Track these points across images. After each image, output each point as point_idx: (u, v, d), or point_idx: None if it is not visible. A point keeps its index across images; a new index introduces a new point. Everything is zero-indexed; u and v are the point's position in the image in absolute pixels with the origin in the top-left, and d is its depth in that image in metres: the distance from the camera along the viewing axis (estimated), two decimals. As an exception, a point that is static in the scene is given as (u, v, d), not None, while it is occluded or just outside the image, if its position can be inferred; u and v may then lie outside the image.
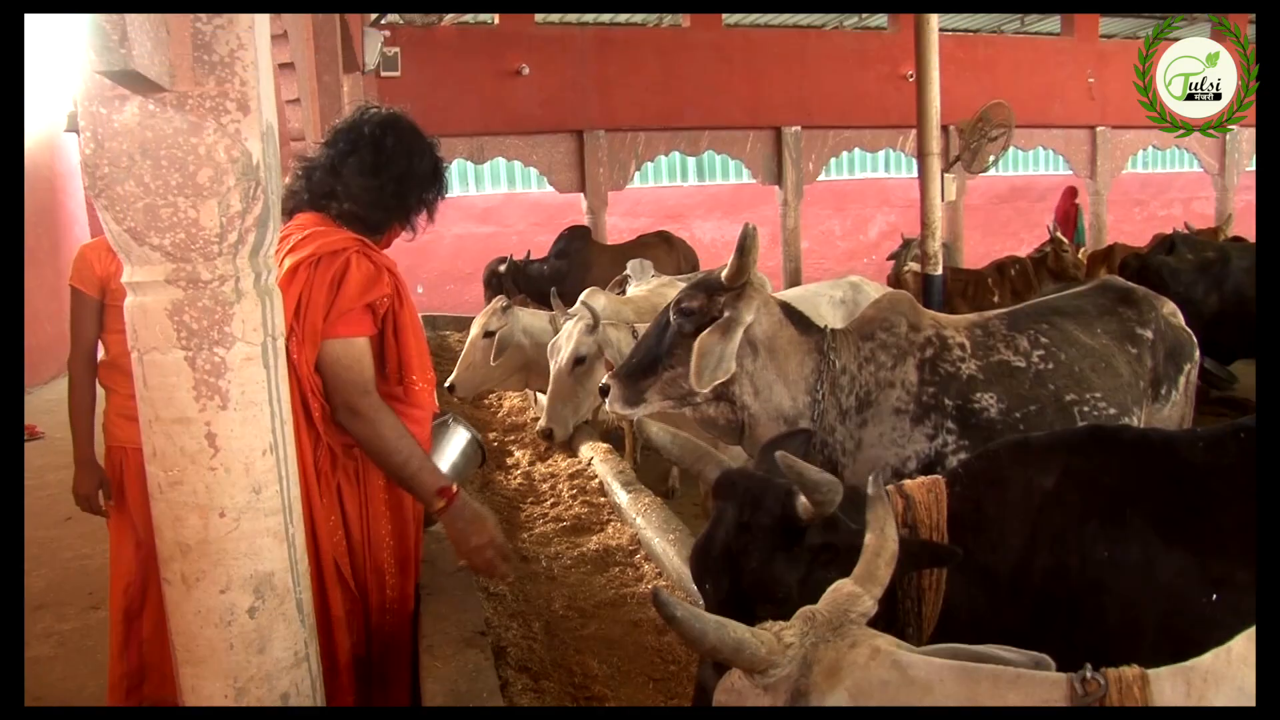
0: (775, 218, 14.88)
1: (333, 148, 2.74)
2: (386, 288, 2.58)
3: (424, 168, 2.76)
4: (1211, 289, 7.31)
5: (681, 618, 1.45)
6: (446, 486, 2.57)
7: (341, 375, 2.52)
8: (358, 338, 2.55)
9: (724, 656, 1.46)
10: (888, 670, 1.41)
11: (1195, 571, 1.97)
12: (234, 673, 1.89)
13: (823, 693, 1.41)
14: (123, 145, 1.74)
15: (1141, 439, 2.28)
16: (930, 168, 8.19)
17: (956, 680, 1.39)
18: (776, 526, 2.06)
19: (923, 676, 1.40)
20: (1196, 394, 3.84)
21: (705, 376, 3.04)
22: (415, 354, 2.68)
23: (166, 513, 1.86)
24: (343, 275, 2.52)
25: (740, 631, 1.45)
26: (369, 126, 2.73)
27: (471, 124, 12.89)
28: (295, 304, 2.49)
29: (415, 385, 2.69)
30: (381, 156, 2.70)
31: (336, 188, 2.69)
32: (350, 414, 2.52)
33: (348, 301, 2.51)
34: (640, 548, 3.85)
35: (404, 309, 2.65)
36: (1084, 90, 15.85)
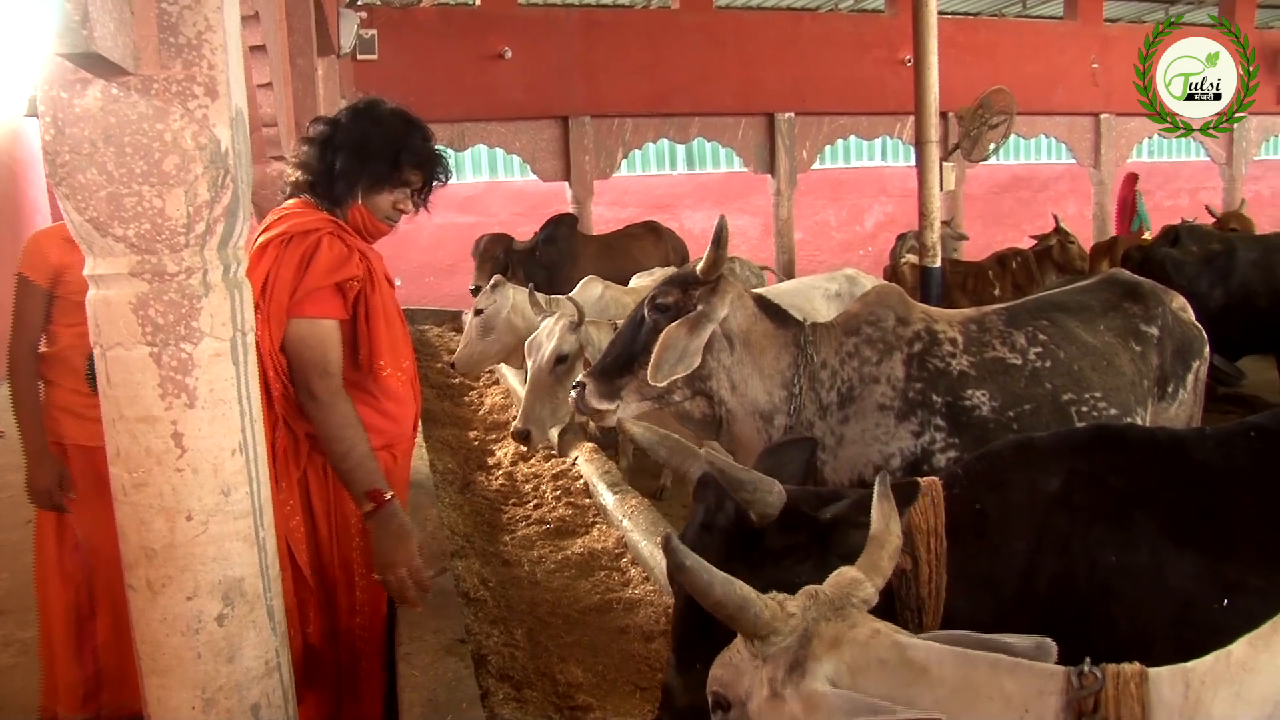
0: (768, 208, 14.75)
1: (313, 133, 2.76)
2: (357, 269, 2.58)
3: (383, 137, 2.71)
4: (1217, 282, 7.22)
5: (691, 567, 1.49)
6: (378, 490, 2.53)
7: (304, 354, 2.53)
8: (324, 319, 2.56)
9: (727, 613, 1.48)
10: (887, 650, 1.44)
11: (1207, 576, 1.92)
12: (202, 683, 1.82)
13: (821, 664, 1.44)
14: (84, 131, 1.65)
15: (1149, 438, 2.23)
16: (928, 156, 8.12)
17: (954, 664, 1.42)
18: (732, 529, 2.04)
19: (920, 658, 1.43)
20: (1205, 392, 3.79)
21: (664, 371, 2.98)
22: (385, 340, 2.66)
23: (131, 516, 1.78)
24: (312, 254, 2.53)
25: (746, 590, 1.49)
26: (342, 111, 2.78)
27: (452, 110, 12.70)
28: (263, 281, 2.48)
29: (384, 371, 2.67)
30: (338, 129, 2.71)
31: (309, 165, 2.72)
32: (307, 396, 2.53)
33: (315, 280, 2.51)
34: (627, 551, 3.77)
35: (375, 293, 2.64)
36: (1087, 76, 15.71)
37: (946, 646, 1.46)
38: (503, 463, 5.25)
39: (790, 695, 1.44)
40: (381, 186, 2.73)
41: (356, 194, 2.70)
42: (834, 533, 2.01)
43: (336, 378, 2.56)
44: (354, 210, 2.71)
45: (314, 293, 2.53)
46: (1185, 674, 1.34)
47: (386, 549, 2.52)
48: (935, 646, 1.46)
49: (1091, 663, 1.39)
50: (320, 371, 2.53)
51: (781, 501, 2.00)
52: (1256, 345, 7.44)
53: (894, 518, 1.75)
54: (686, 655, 2.03)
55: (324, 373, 2.54)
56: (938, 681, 1.41)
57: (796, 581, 1.73)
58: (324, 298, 2.55)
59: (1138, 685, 1.34)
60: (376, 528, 2.53)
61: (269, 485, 1.93)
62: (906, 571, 2.04)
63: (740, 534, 2.04)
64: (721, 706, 1.56)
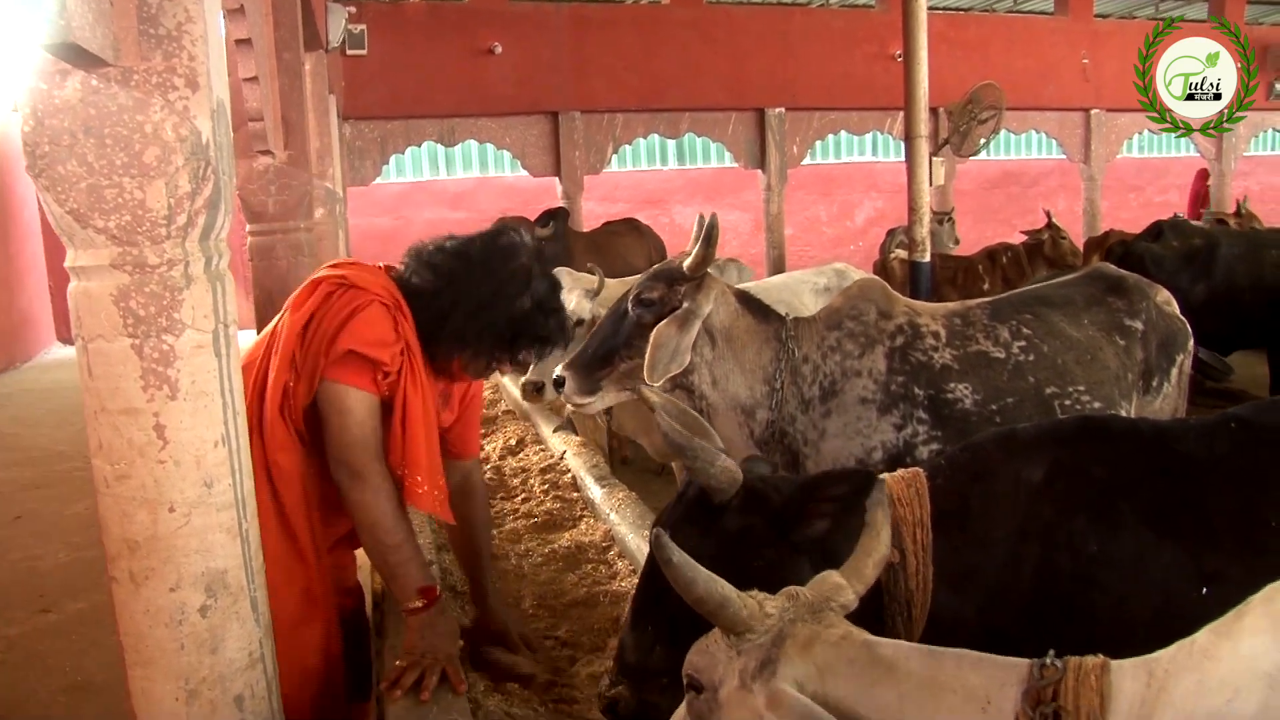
0: (758, 203, 14.76)
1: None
2: (394, 356, 2.37)
3: (505, 307, 2.48)
4: (1199, 277, 7.24)
5: (677, 563, 1.54)
6: (430, 586, 2.40)
7: (351, 429, 2.34)
8: (367, 392, 2.36)
9: (708, 609, 1.54)
10: (856, 650, 1.50)
11: (1188, 566, 1.95)
12: (185, 674, 1.82)
13: (792, 663, 1.49)
14: (64, 123, 1.65)
15: (1131, 429, 2.25)
16: (918, 150, 8.13)
17: (919, 660, 1.47)
18: (693, 504, 2.11)
19: (888, 655, 1.48)
20: (1192, 386, 3.81)
21: (659, 369, 3.01)
22: (425, 452, 2.41)
23: (113, 508, 1.78)
24: (356, 312, 2.35)
25: (728, 590, 1.54)
26: (478, 243, 2.56)
27: (442, 105, 12.69)
28: (306, 321, 2.37)
29: (419, 488, 2.40)
30: (467, 270, 2.50)
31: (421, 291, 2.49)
32: (351, 476, 2.34)
33: (350, 340, 2.32)
34: (614, 544, 3.79)
35: (416, 395, 2.41)
36: (1078, 71, 15.70)
37: (913, 644, 1.53)
38: (491, 457, 5.26)
39: (758, 690, 1.50)
40: (486, 360, 2.55)
41: (456, 355, 2.52)
42: (791, 517, 2.04)
43: (383, 460, 2.37)
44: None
45: (348, 358, 2.33)
46: (1149, 664, 1.37)
47: (429, 644, 2.33)
48: (902, 644, 1.52)
49: (1057, 655, 1.41)
50: (372, 453, 2.34)
51: (729, 477, 2.05)
52: (1241, 340, 7.46)
53: (885, 529, 1.78)
54: (641, 618, 2.15)
55: (375, 455, 2.35)
56: (904, 677, 1.45)
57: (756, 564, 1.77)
58: (357, 367, 2.35)
59: (1098, 676, 1.36)
60: (421, 625, 2.35)
61: (252, 477, 1.93)
62: (894, 564, 2.06)
63: (703, 510, 2.08)
64: (695, 689, 1.62)
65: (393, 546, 2.37)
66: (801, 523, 2.04)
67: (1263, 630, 1.28)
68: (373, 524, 2.36)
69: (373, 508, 2.35)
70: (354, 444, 2.34)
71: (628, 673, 2.17)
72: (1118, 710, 1.34)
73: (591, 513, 4.13)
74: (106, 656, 3.89)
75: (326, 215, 6.48)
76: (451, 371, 2.58)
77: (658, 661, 2.09)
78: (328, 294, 2.40)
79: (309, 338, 2.37)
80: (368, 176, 12.75)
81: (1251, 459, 2.06)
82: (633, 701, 2.14)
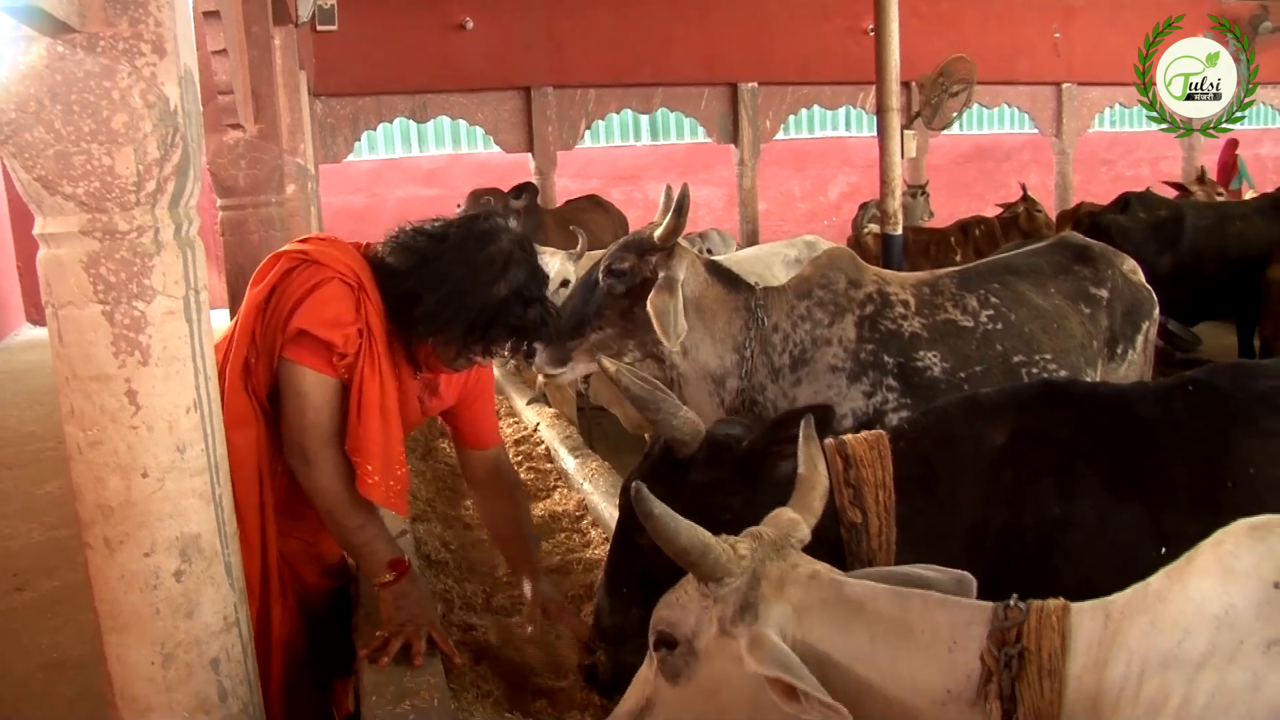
0: (732, 178, 14.70)
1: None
2: (349, 337, 2.28)
3: (481, 294, 2.33)
4: (1165, 249, 7.34)
5: (658, 515, 1.56)
6: (399, 559, 2.37)
7: (306, 413, 2.28)
8: (324, 374, 2.28)
9: (690, 559, 1.56)
10: (826, 589, 1.54)
11: (1146, 526, 2.00)
12: (161, 638, 1.84)
13: (770, 605, 1.52)
14: (30, 89, 1.65)
15: (1092, 393, 2.31)
16: (890, 123, 8.13)
17: (888, 601, 1.51)
18: (659, 461, 2.15)
19: (857, 595, 1.52)
20: (1161, 356, 3.87)
21: (673, 333, 3.05)
22: (380, 441, 2.31)
23: (86, 474, 1.79)
24: (314, 289, 2.28)
25: (709, 537, 1.57)
26: (456, 227, 2.44)
27: (413, 81, 12.58)
28: (268, 293, 2.31)
29: (369, 478, 2.29)
30: (443, 250, 2.37)
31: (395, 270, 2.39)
32: (304, 460, 2.29)
33: (303, 319, 2.25)
34: (587, 513, 3.83)
35: (374, 380, 2.31)
36: (1049, 45, 15.70)
37: (881, 585, 1.55)
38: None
39: (740, 633, 1.52)
40: (456, 349, 2.40)
41: (426, 340, 2.40)
42: (757, 463, 2.08)
43: (339, 446, 2.30)
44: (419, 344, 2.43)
45: (303, 337, 2.26)
46: (1106, 606, 1.43)
47: (408, 612, 2.30)
48: (871, 585, 1.56)
49: (1019, 599, 1.47)
50: (324, 436, 2.28)
51: (692, 429, 2.08)
52: (1207, 311, 7.57)
53: (820, 459, 1.84)
54: (616, 581, 2.19)
55: (328, 438, 2.28)
56: (874, 618, 1.49)
57: (725, 517, 1.81)
58: (312, 348, 2.27)
59: (1059, 618, 1.42)
60: (396, 595, 2.32)
61: (224, 443, 1.94)
62: (857, 525, 2.10)
63: (669, 466, 2.11)
64: (667, 644, 1.63)
65: (354, 528, 2.34)
66: (768, 465, 2.06)
67: (1211, 573, 1.32)
68: (329, 509, 2.33)
69: (328, 493, 2.31)
70: (308, 428, 2.29)
71: (605, 637, 2.20)
72: (1077, 650, 1.40)
73: (565, 483, 4.17)
74: (83, 633, 3.90)
75: (298, 192, 6.45)
76: (419, 360, 2.47)
77: (635, 623, 2.11)
78: (287, 269, 2.33)
79: (268, 314, 2.32)
80: (339, 153, 12.65)
81: (1208, 421, 2.11)
82: (612, 665, 2.17)
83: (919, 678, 1.45)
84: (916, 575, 1.65)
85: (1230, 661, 1.25)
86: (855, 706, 1.45)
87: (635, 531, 2.10)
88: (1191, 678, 1.27)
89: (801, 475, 1.81)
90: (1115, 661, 1.36)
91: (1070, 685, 1.38)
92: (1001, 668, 1.40)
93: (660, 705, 1.65)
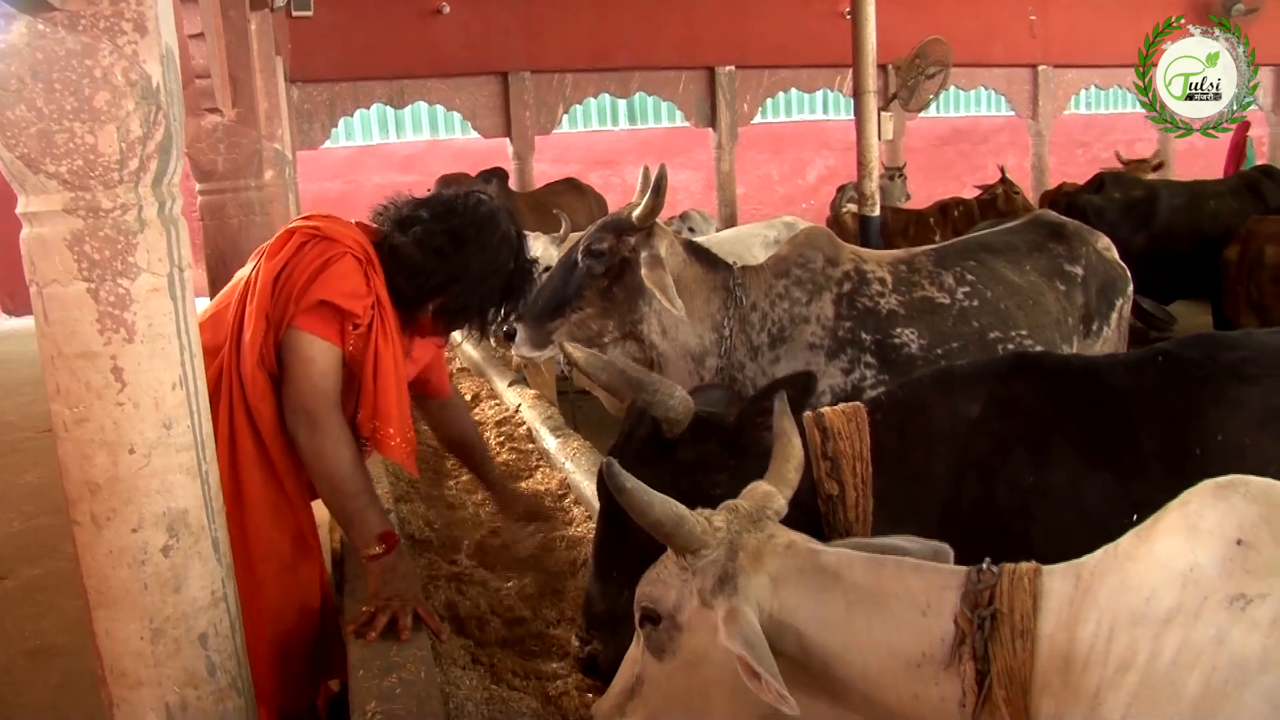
0: (709, 162, 14.75)
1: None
2: (366, 308, 2.41)
3: (490, 281, 2.59)
4: (1139, 228, 7.42)
5: (631, 489, 1.59)
6: (391, 532, 2.42)
7: (314, 378, 2.37)
8: (332, 344, 2.39)
9: (665, 531, 1.58)
10: (803, 558, 1.56)
11: (1118, 494, 2.03)
12: (149, 613, 1.85)
13: (748, 577, 1.54)
14: (11, 67, 1.65)
15: (1064, 365, 2.34)
16: (866, 105, 8.17)
17: (863, 568, 1.54)
18: (647, 439, 2.15)
19: (833, 564, 1.55)
20: (1136, 335, 3.92)
21: (678, 302, 3.06)
22: (396, 404, 2.48)
23: (73, 451, 1.80)
24: (328, 263, 2.38)
25: (681, 509, 1.59)
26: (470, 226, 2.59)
27: (390, 67, 12.54)
28: (280, 269, 2.39)
29: (391, 440, 2.47)
30: (469, 238, 2.55)
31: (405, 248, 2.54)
32: (310, 424, 2.36)
33: (324, 290, 2.36)
34: (570, 492, 3.85)
35: (388, 348, 2.46)
36: (1025, 28, 15.81)
37: (856, 553, 1.58)
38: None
39: (720, 605, 1.54)
40: (476, 323, 2.67)
41: (428, 309, 2.60)
42: (743, 436, 2.09)
43: (341, 411, 2.41)
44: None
45: (321, 307, 2.37)
46: (1077, 567, 1.46)
47: (393, 587, 2.34)
48: (845, 553, 1.59)
49: (992, 563, 1.50)
50: (331, 401, 2.37)
51: (686, 407, 2.09)
52: (1182, 290, 7.64)
53: (794, 432, 1.86)
54: (604, 566, 2.19)
55: (334, 403, 2.38)
56: (850, 585, 1.52)
57: (714, 493, 1.83)
58: (325, 318, 2.38)
59: (1031, 579, 1.45)
60: (383, 569, 2.36)
61: (210, 419, 1.95)
62: (834, 497, 2.12)
63: (656, 446, 2.12)
64: (651, 620, 1.65)
65: (351, 494, 2.39)
66: (754, 437, 2.08)
67: (1177, 532, 1.36)
68: (330, 473, 2.38)
69: (332, 457, 2.36)
70: (315, 392, 2.37)
71: (598, 624, 2.20)
72: (1048, 610, 1.43)
73: (547, 462, 4.19)
74: (65, 620, 3.91)
75: (276, 178, 6.42)
76: (421, 328, 2.66)
77: (628, 604, 2.12)
78: (300, 244, 2.43)
79: (279, 288, 2.40)
80: (316, 140, 12.60)
81: (1177, 391, 2.15)
82: (611, 651, 2.16)
83: (894, 642, 1.48)
84: (894, 545, 1.68)
85: (1195, 617, 1.28)
86: (833, 671, 1.49)
87: (620, 515, 2.12)
88: (1159, 634, 1.31)
89: (777, 450, 1.84)
90: (1086, 620, 1.39)
91: (1042, 645, 1.41)
92: (975, 629, 1.43)
93: (649, 682, 1.68)
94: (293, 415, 2.39)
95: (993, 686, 1.41)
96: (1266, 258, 6.73)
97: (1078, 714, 1.37)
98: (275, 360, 2.44)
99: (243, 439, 2.44)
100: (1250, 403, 2.07)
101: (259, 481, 2.46)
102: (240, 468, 2.44)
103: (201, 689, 1.91)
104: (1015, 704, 1.40)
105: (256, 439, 2.44)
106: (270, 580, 2.47)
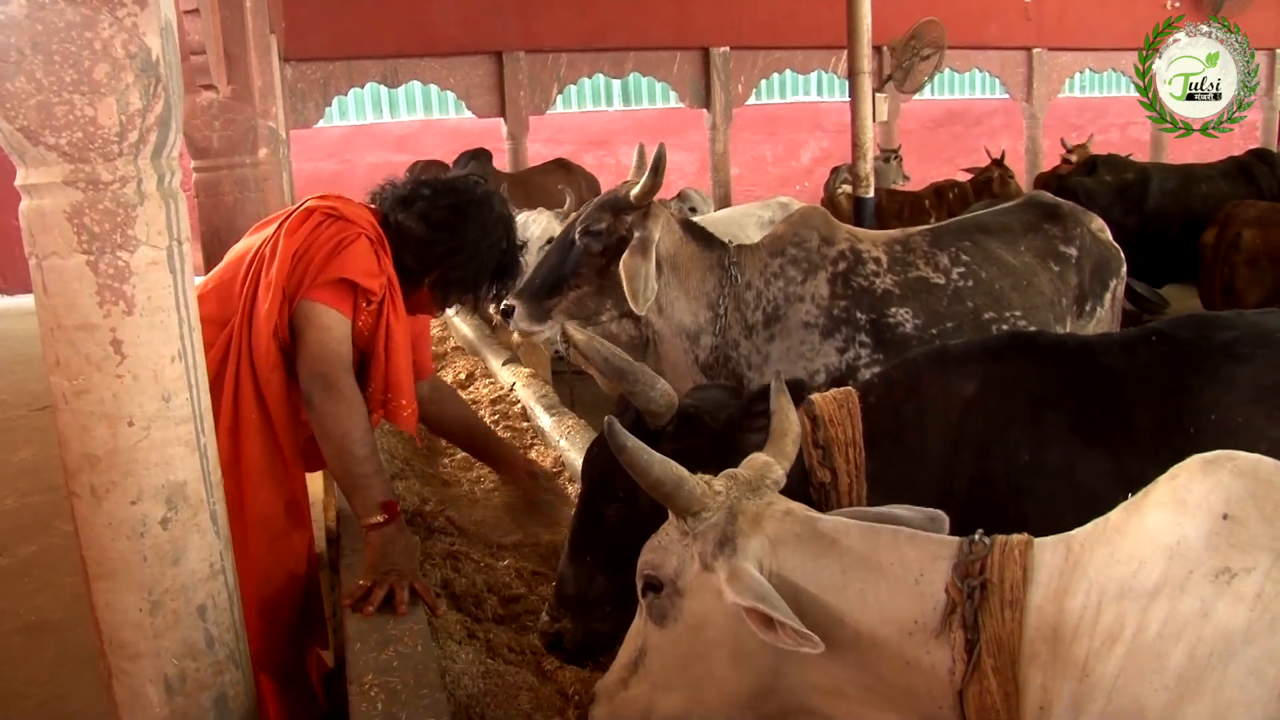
0: (704, 143, 14.71)
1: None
2: (381, 286, 2.56)
3: (485, 258, 2.75)
4: (1131, 210, 7.43)
5: (631, 449, 1.61)
6: (392, 501, 2.45)
7: (329, 344, 2.48)
8: (345, 316, 2.51)
9: (665, 491, 1.61)
10: (801, 524, 1.59)
11: (1112, 471, 2.05)
12: (148, 585, 1.86)
13: (747, 538, 1.57)
14: (11, 39, 1.65)
15: (1058, 344, 2.35)
16: (861, 86, 8.16)
17: (859, 535, 1.56)
18: (631, 428, 2.12)
19: (829, 530, 1.58)
20: (1129, 317, 3.94)
21: (642, 298, 3.08)
22: (406, 378, 2.67)
23: (72, 423, 1.81)
24: (345, 244, 2.50)
25: (681, 470, 1.62)
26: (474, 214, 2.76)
27: (384, 46, 12.49)
28: (297, 248, 2.49)
29: (404, 410, 2.66)
30: (469, 226, 2.72)
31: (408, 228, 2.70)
32: (325, 387, 2.44)
33: (343, 268, 2.48)
34: (565, 469, 3.86)
35: (398, 324, 2.62)
36: (1019, 10, 15.80)
37: (852, 521, 1.61)
38: (441, 393, 5.28)
39: (720, 567, 1.56)
40: (471, 298, 2.85)
41: (424, 284, 2.76)
42: (732, 436, 2.09)
43: (353, 375, 2.52)
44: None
45: (340, 284, 2.50)
46: (1068, 540, 1.48)
47: (391, 561, 2.35)
48: (842, 520, 1.61)
49: (985, 534, 1.52)
50: (344, 365, 2.48)
51: (667, 400, 2.09)
52: (1174, 273, 7.66)
53: (791, 408, 1.90)
54: (579, 549, 2.19)
55: (347, 367, 2.49)
56: (845, 551, 1.54)
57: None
58: (341, 293, 2.51)
59: (1022, 551, 1.48)
60: (383, 540, 2.38)
61: (208, 392, 1.96)
62: (826, 484, 2.12)
63: (640, 436, 2.12)
64: (653, 588, 1.67)
65: (361, 459, 2.43)
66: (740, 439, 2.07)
67: (1165, 506, 1.38)
68: (343, 434, 2.43)
69: (345, 418, 2.43)
70: (331, 357, 2.47)
71: (569, 604, 2.21)
72: (1038, 581, 1.45)
73: (542, 440, 4.20)
74: (61, 596, 3.93)
75: (270, 156, 6.40)
76: (413, 304, 2.78)
77: (600, 589, 2.14)
78: (319, 223, 2.55)
79: (296, 264, 2.50)
80: (310, 119, 12.55)
81: (1170, 369, 2.17)
82: (578, 633, 2.18)
83: (887, 608, 1.51)
84: (890, 514, 1.71)
85: (1181, 590, 1.30)
86: (827, 636, 1.51)
87: (599, 499, 2.15)
88: (1145, 606, 1.32)
89: (774, 427, 1.86)
90: (1075, 592, 1.41)
91: (1031, 615, 1.44)
92: (965, 598, 1.45)
93: (652, 651, 1.70)
94: (309, 380, 2.46)
95: (981, 655, 1.43)
96: (1243, 242, 6.77)
97: (1065, 685, 1.39)
98: (288, 331, 2.53)
99: (247, 408, 2.52)
100: (1242, 381, 2.09)
101: (259, 448, 2.53)
102: (242, 435, 2.51)
103: (200, 661, 1.92)
104: (1004, 673, 1.42)
105: (262, 408, 2.53)
106: (262, 545, 2.54)
